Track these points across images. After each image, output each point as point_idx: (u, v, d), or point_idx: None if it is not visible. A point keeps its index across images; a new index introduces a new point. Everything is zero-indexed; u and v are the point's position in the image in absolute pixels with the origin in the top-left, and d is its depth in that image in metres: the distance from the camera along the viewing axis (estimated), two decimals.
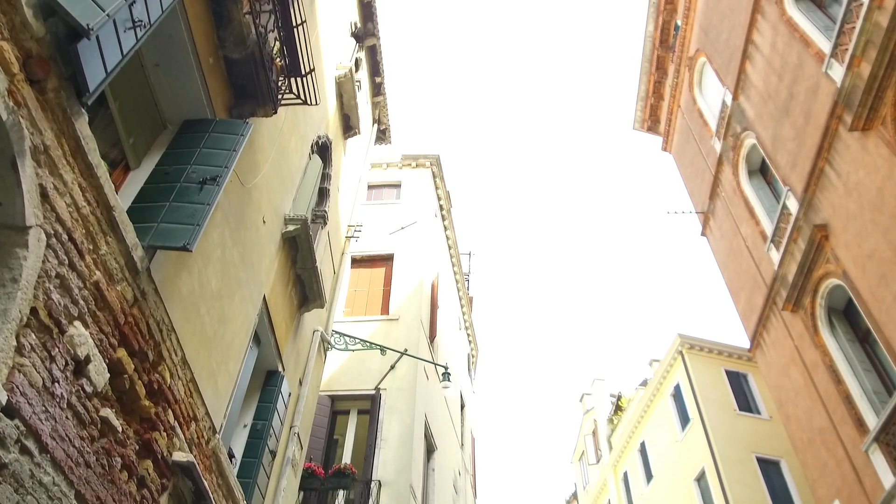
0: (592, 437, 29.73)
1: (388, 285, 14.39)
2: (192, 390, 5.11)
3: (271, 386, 7.43)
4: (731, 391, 21.01)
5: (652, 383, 23.71)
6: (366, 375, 12.48)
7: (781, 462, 19.45)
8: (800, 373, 13.75)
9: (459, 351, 20.05)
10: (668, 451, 22.31)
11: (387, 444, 11.36)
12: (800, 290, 13.52)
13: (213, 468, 5.64)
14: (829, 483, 12.81)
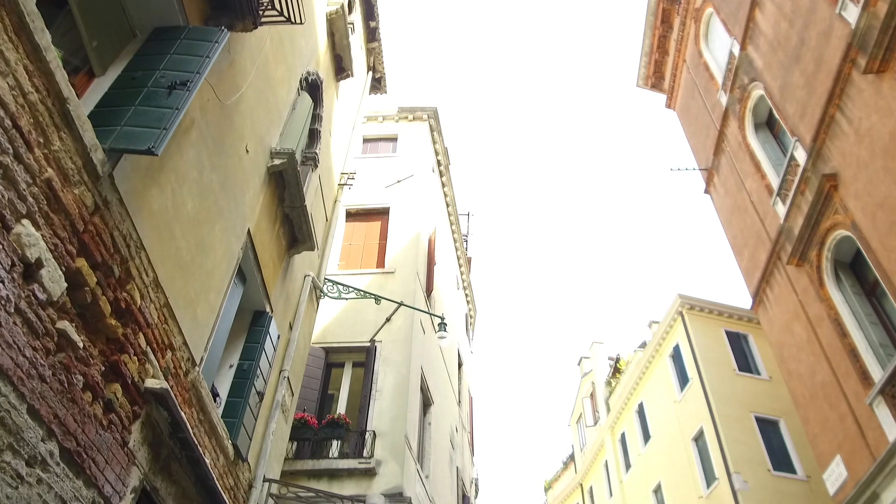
0: (590, 399, 29.72)
1: (383, 239, 14.04)
2: (166, 316, 4.79)
3: (258, 326, 7.13)
4: (730, 351, 20.83)
5: (651, 344, 23.55)
6: (361, 328, 12.21)
7: (780, 422, 19.37)
8: (803, 328, 13.49)
9: (457, 310, 19.81)
10: (666, 411, 22.24)
11: (381, 395, 11.13)
12: (806, 243, 13.19)
13: (194, 402, 5.35)
14: (830, 438, 12.63)
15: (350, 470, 9.98)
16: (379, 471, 10.02)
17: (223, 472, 6.10)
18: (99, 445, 3.90)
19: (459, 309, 20.49)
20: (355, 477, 9.86)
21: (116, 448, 4.11)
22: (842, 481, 12.19)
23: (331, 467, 9.99)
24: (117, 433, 4.12)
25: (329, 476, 9.87)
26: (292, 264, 8.30)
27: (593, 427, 28.94)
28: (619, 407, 26.00)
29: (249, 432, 6.63)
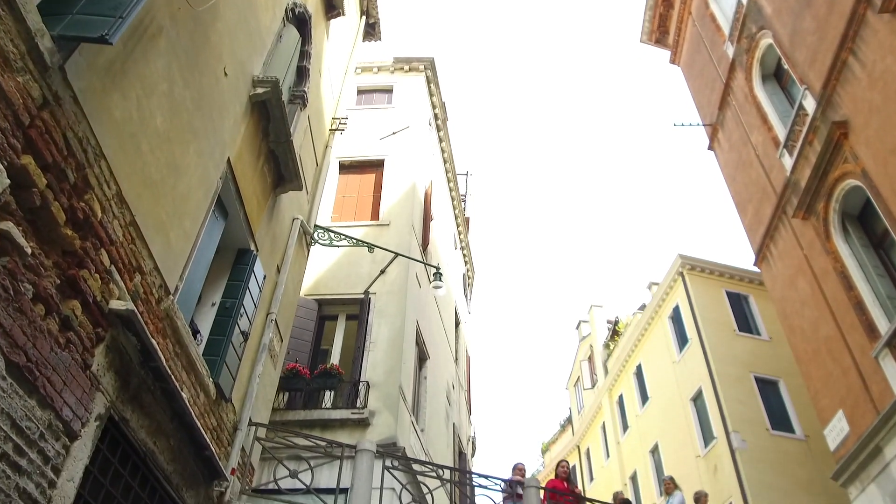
0: (588, 362, 29.66)
1: (378, 191, 13.63)
2: (133, 236, 4.44)
3: (242, 265, 6.79)
4: (731, 312, 20.59)
5: (650, 306, 23.32)
6: (354, 280, 11.89)
7: (779, 382, 19.23)
8: (807, 282, 13.19)
9: (455, 269, 19.51)
10: (665, 373, 22.10)
11: (375, 346, 10.86)
12: (813, 195, 12.81)
13: (168, 333, 5.03)
14: (833, 393, 12.43)
15: (343, 420, 9.75)
16: (372, 421, 9.80)
17: (204, 411, 5.82)
18: (55, 364, 3.58)
19: (457, 269, 20.19)
20: (348, 427, 9.64)
21: (77, 370, 3.79)
22: (843, 436, 12.01)
23: (323, 417, 9.76)
24: (77, 354, 3.80)
25: (321, 426, 9.65)
26: (279, 204, 7.93)
27: (591, 390, 28.91)
28: (617, 369, 25.89)
29: (233, 373, 6.34)
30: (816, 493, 16.88)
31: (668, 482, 10.01)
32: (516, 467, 9.14)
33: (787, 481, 16.82)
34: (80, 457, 3.82)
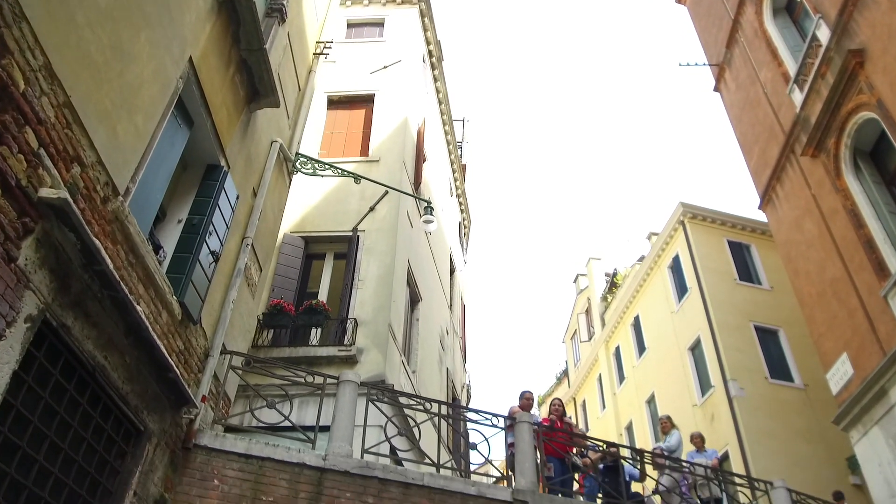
0: (585, 315, 29.39)
1: (368, 127, 12.99)
2: (69, 120, 3.89)
3: (212, 181, 6.26)
4: (732, 261, 20.17)
5: (650, 256, 22.88)
6: (342, 217, 11.37)
7: (779, 331, 18.93)
8: (814, 223, 12.70)
9: (450, 217, 18.97)
10: (663, 323, 21.80)
11: (364, 284, 10.42)
12: (823, 131, 12.21)
13: (119, 239, 4.53)
14: (837, 336, 12.06)
15: (329, 357, 9.36)
16: (360, 359, 9.42)
17: (168, 331, 5.37)
18: None
19: (452, 216, 19.65)
20: (335, 364, 9.25)
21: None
22: (846, 379, 11.69)
23: (309, 355, 9.36)
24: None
25: (308, 364, 9.21)
26: (254, 122, 7.35)
27: (588, 342, 28.71)
28: (614, 321, 25.61)
29: (201, 294, 5.87)
30: (814, 441, 16.75)
31: (665, 421, 9.69)
32: (523, 395, 8.75)
33: (784, 429, 16.65)
34: (7, 360, 3.36)
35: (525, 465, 7.45)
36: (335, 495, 6.13)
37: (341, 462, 6.31)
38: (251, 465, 5.93)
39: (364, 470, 6.37)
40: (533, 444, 7.72)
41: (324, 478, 6.17)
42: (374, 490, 6.34)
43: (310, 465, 6.16)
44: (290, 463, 6.10)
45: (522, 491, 7.14)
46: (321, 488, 6.11)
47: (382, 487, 6.39)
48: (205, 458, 5.77)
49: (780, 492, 9.40)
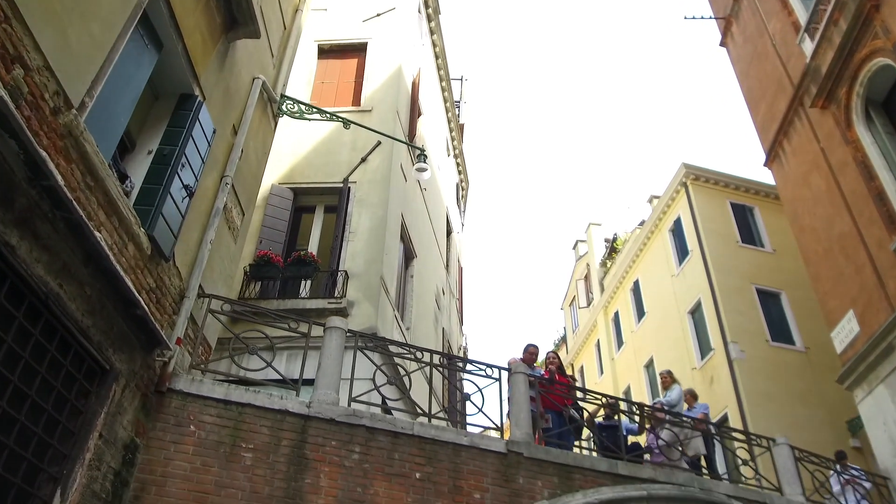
0: (584, 281, 29.08)
1: (360, 77, 12.47)
2: (7, 14, 3.45)
3: (185, 110, 5.82)
4: (734, 223, 19.77)
5: (651, 219, 22.47)
6: (333, 168, 10.93)
7: (781, 294, 18.61)
8: (822, 177, 12.27)
9: (447, 177, 18.50)
10: (663, 287, 21.49)
11: (355, 236, 10.03)
12: (835, 81, 11.71)
13: (73, 156, 4.12)
14: (843, 293, 11.72)
15: (319, 310, 9.01)
16: (351, 312, 9.07)
17: (136, 266, 4.99)
18: None
19: (450, 177, 19.18)
20: (325, 317, 8.82)
21: None
22: (852, 337, 11.38)
23: (298, 307, 9.00)
24: None
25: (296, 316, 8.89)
26: (233, 54, 6.87)
27: (586, 308, 28.46)
28: (613, 286, 25.31)
29: (174, 230, 5.48)
30: (814, 404, 16.54)
31: (666, 376, 9.39)
32: (527, 349, 8.43)
33: (784, 392, 16.44)
34: None
35: (520, 416, 7.16)
36: (320, 443, 5.83)
37: (326, 409, 6.00)
38: (230, 412, 5.61)
39: (351, 418, 6.07)
40: (529, 395, 7.42)
41: (308, 425, 5.86)
42: (361, 439, 6.03)
43: (293, 413, 5.84)
44: (272, 410, 5.78)
45: (517, 442, 6.85)
46: (305, 436, 5.81)
47: (370, 436, 6.09)
48: (180, 404, 5.44)
49: (783, 448, 9.14)
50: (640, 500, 7.16)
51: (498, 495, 6.40)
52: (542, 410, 7.88)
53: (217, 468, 5.32)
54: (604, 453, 7.63)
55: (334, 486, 5.67)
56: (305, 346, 6.50)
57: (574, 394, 8.45)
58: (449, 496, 6.14)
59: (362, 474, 5.86)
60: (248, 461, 5.46)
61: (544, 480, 6.76)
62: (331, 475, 5.72)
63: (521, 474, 6.65)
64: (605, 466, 7.26)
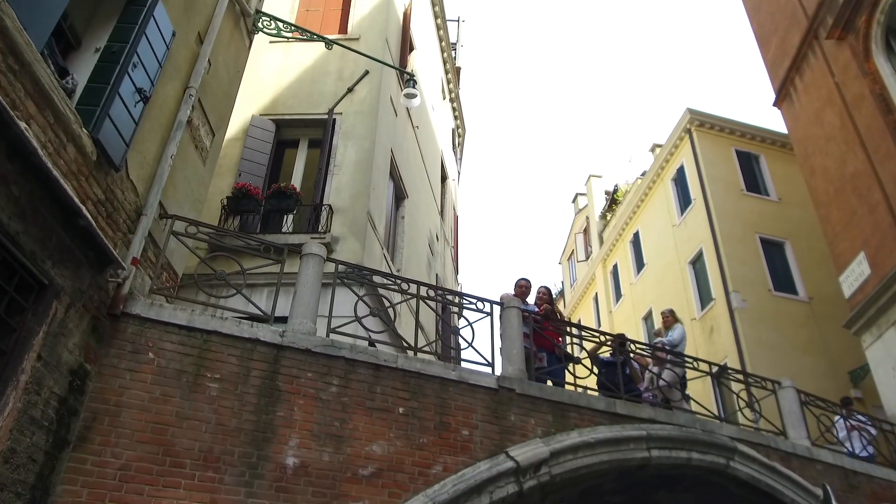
0: (583, 234, 28.56)
1: (347, 4, 11.68)
2: None
3: (138, 6, 5.17)
4: (739, 171, 19.14)
5: (653, 167, 21.82)
6: (318, 99, 10.27)
7: (786, 244, 18.12)
8: (836, 113, 11.63)
9: (442, 121, 17.78)
10: (663, 237, 20.98)
11: (340, 170, 9.45)
12: (853, 8, 10.97)
13: None
14: (854, 235, 11.22)
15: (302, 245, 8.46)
16: (336, 248, 8.55)
17: (78, 171, 4.43)
18: None
19: (445, 121, 18.44)
20: None
21: None
22: (862, 280, 10.93)
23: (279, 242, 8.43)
24: None
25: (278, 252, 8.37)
26: None
27: (584, 262, 28.02)
28: (612, 239, 24.80)
29: (125, 136, 4.90)
30: (816, 354, 16.20)
31: (668, 315, 8.94)
32: (518, 283, 7.94)
33: (786, 342, 16.09)
34: None
35: (512, 351, 6.71)
36: (294, 375, 5.37)
37: (302, 339, 5.52)
38: (194, 339, 5.12)
39: (329, 349, 5.59)
40: (522, 330, 6.96)
41: (281, 356, 5.39)
42: (339, 371, 5.57)
43: (265, 342, 5.36)
44: (242, 338, 5.30)
45: (509, 378, 6.41)
46: (278, 367, 5.34)
47: (350, 369, 5.63)
48: (137, 329, 4.95)
49: (789, 391, 8.76)
50: (639, 441, 6.76)
51: (487, 432, 5.99)
52: (536, 349, 7.45)
53: (178, 399, 4.86)
54: (602, 392, 7.21)
55: (309, 420, 5.24)
56: (279, 274, 6.00)
57: (568, 330, 8.00)
58: (435, 432, 5.72)
59: (341, 408, 5.42)
60: (214, 392, 5.00)
61: (537, 418, 6.35)
62: (306, 408, 5.27)
63: (512, 411, 6.23)
64: (602, 405, 6.85)
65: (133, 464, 4.52)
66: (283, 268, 6.00)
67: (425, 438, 5.64)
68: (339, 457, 5.20)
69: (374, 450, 5.36)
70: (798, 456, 7.99)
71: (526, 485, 5.87)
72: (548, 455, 6.03)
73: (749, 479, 7.34)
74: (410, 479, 5.39)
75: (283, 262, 6.00)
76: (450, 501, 5.36)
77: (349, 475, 5.16)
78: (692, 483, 7.70)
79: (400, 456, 5.44)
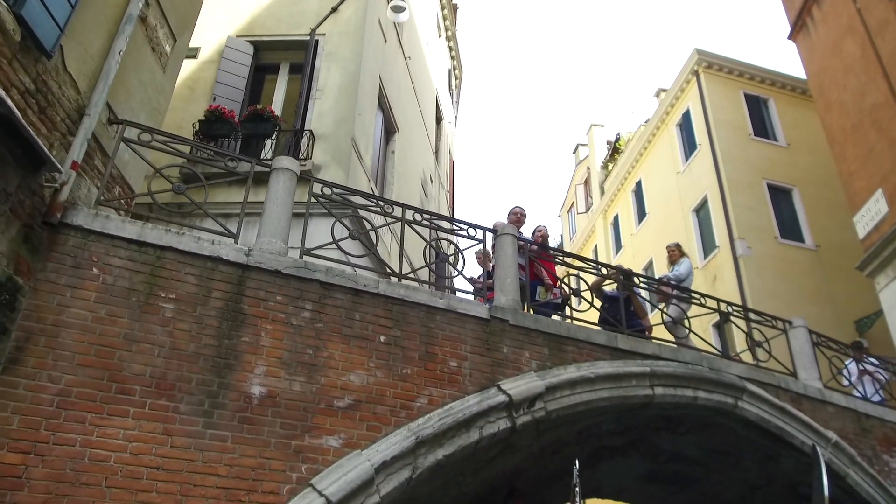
0: (584, 186, 27.85)
1: None
2: None
3: None
4: (747, 115, 18.37)
5: (658, 112, 21.00)
6: (299, 19, 9.50)
7: (794, 190, 17.50)
8: (857, 43, 10.86)
9: (438, 60, 16.90)
10: (667, 185, 20.31)
11: (324, 94, 8.76)
12: None
13: None
14: (871, 172, 10.58)
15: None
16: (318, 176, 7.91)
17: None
18: None
19: (441, 60, 17.55)
20: None
21: None
22: (879, 219, 10.33)
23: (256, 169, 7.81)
24: None
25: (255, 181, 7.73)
26: None
27: (584, 214, 27.39)
28: (614, 189, 24.12)
29: (59, 20, 4.22)
30: (822, 303, 15.72)
31: (674, 249, 8.38)
32: (513, 211, 7.37)
33: (791, 290, 15.60)
34: None
35: (506, 280, 6.16)
36: (262, 297, 4.82)
37: (271, 259, 4.95)
38: (146, 255, 4.56)
39: (301, 271, 5.03)
40: (516, 259, 6.40)
41: (247, 276, 4.83)
42: (313, 296, 5.03)
43: (228, 261, 4.79)
44: (201, 256, 4.72)
45: (502, 308, 5.88)
46: (242, 289, 4.78)
47: (325, 293, 5.08)
48: (80, 242, 4.37)
49: (800, 331, 8.28)
50: (641, 377, 6.27)
51: (478, 365, 5.48)
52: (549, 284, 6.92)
53: (127, 319, 4.31)
54: (604, 328, 6.70)
55: (279, 346, 4.71)
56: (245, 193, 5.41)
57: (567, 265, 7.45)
58: (420, 362, 5.21)
59: (314, 335, 4.88)
60: (169, 313, 4.46)
61: (532, 351, 5.84)
62: (274, 333, 4.74)
63: (505, 343, 5.72)
64: (603, 339, 6.34)
65: (73, 389, 4.00)
66: (249, 183, 5.40)
67: (409, 369, 5.13)
68: (311, 387, 4.69)
69: (352, 380, 4.85)
70: (809, 398, 7.54)
71: (519, 420, 5.39)
72: (543, 389, 5.53)
73: (758, 420, 6.89)
74: (392, 411, 4.90)
75: (251, 175, 5.39)
76: (435, 436, 4.89)
77: (323, 406, 4.66)
78: (695, 425, 7.26)
79: (380, 387, 4.94)
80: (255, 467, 4.26)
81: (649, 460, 8.35)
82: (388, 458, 4.61)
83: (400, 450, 4.69)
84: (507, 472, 6.35)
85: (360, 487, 4.42)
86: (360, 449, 4.63)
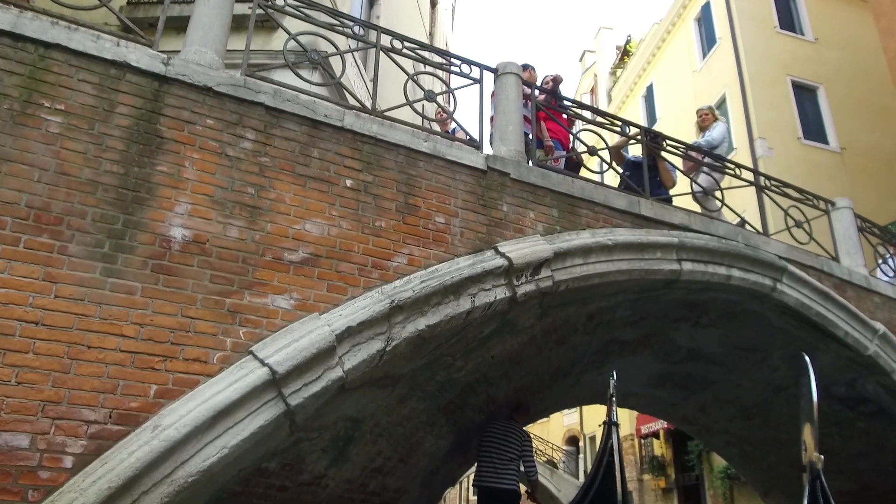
0: (590, 94, 26.21)
1: None
2: None
3: None
4: (773, 5, 16.74)
5: (674, 7, 19.23)
6: None
7: (819, 88, 16.10)
8: None
9: None
10: (681, 87, 18.82)
11: None
12: None
13: None
14: None
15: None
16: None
17: None
18: None
19: None
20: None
21: None
22: None
23: None
24: None
25: None
26: None
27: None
28: (622, 95, 22.57)
29: None
30: None
31: (706, 113, 7.23)
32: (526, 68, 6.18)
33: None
34: None
35: (507, 128, 5.01)
36: (186, 119, 3.67)
37: (199, 73, 3.77)
38: (24, 54, 3.33)
39: (240, 91, 3.87)
40: (521, 105, 5.23)
41: (165, 91, 3.66)
42: (257, 123, 3.88)
43: (140, 69, 3.62)
44: (102, 59, 3.55)
45: (503, 159, 4.75)
46: (160, 106, 3.63)
47: (273, 121, 3.93)
48: None
49: (845, 212, 7.23)
50: (668, 248, 5.22)
51: (471, 223, 4.41)
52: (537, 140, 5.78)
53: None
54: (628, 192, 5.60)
55: (209, 181, 3.60)
56: None
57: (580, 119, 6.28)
58: (397, 215, 4.12)
59: (258, 170, 3.77)
60: (55, 128, 3.33)
61: (538, 212, 4.75)
62: (203, 165, 3.62)
63: (505, 200, 4.63)
64: (623, 203, 5.25)
65: None
66: None
67: (383, 222, 4.05)
68: (254, 234, 3.62)
69: (308, 229, 3.78)
70: (854, 285, 6.55)
71: (520, 290, 4.36)
72: (551, 254, 4.48)
73: (798, 305, 5.90)
74: (360, 270, 3.85)
75: None
76: (415, 301, 3.86)
77: (269, 259, 3.61)
78: (722, 314, 6.29)
79: (346, 241, 3.88)
80: (175, 328, 3.24)
81: (662, 359, 7.47)
82: (353, 324, 3.60)
83: (370, 314, 3.67)
84: (505, 359, 5.40)
85: (316, 357, 3.43)
86: (318, 312, 3.61)
